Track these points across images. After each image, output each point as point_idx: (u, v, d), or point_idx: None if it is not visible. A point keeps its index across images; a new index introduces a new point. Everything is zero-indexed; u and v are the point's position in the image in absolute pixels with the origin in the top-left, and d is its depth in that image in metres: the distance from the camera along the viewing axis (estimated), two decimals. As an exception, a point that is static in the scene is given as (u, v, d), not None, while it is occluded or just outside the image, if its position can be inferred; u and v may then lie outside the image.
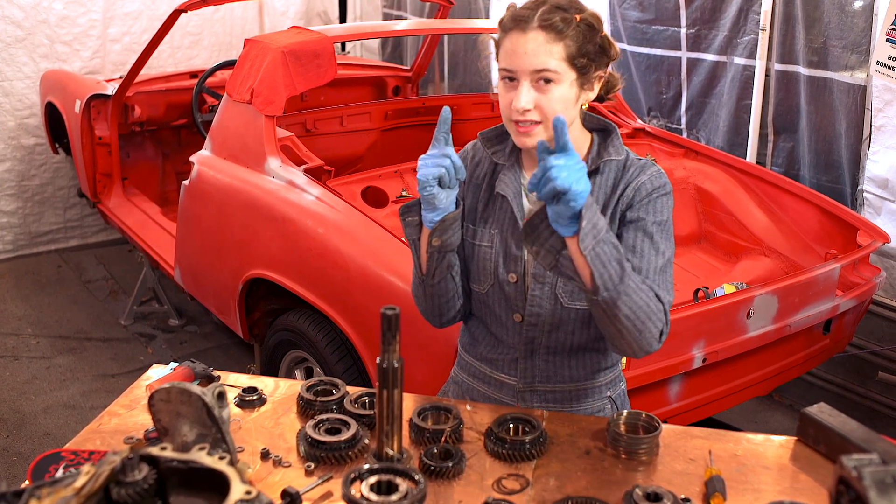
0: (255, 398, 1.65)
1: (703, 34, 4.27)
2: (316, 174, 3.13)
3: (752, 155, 4.11)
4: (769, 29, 3.94)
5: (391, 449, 1.39)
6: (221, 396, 1.26)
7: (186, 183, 3.57)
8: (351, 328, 2.81)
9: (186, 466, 1.09)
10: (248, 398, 1.65)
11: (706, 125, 4.39)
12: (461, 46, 5.88)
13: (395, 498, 1.22)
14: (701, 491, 1.40)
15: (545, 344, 1.67)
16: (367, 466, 1.29)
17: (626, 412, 1.56)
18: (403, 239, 2.62)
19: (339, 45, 5.56)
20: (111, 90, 4.54)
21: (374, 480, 1.26)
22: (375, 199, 3.21)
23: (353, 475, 1.27)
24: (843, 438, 1.46)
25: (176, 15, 4.10)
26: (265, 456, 1.48)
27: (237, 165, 3.37)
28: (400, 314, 1.35)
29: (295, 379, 3.13)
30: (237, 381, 1.74)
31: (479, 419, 1.58)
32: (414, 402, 1.63)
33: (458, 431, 1.52)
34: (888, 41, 3.38)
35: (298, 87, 3.34)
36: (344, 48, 6.19)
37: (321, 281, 2.90)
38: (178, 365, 1.75)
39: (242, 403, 1.65)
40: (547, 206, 1.40)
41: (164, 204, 4.84)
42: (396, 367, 1.36)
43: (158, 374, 1.75)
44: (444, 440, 1.47)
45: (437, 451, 1.45)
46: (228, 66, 4.39)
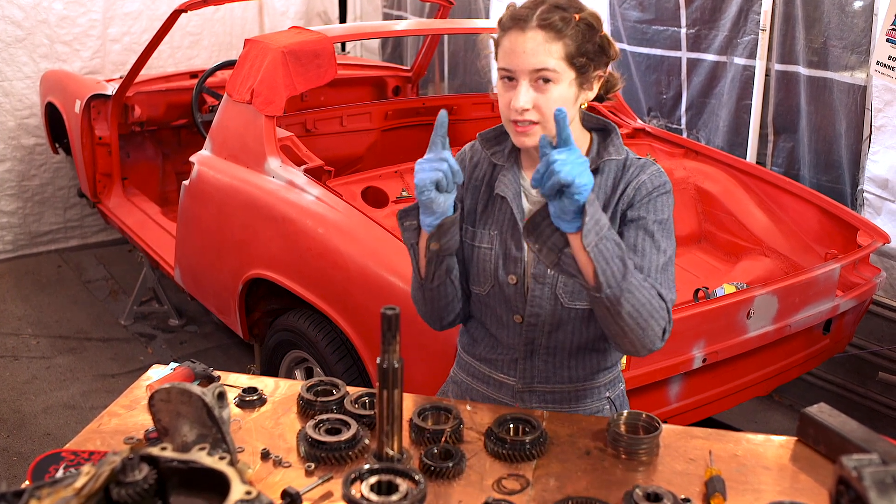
0: (255, 398, 1.65)
1: (703, 34, 4.27)
2: (316, 174, 3.13)
3: (752, 155, 4.11)
4: (769, 29, 3.94)
5: (391, 449, 1.39)
6: (222, 397, 1.26)
7: (186, 183, 3.57)
8: (351, 328, 2.81)
9: (186, 467, 1.09)
10: (248, 398, 1.65)
11: (706, 125, 4.39)
12: (461, 46, 5.88)
13: (395, 498, 1.22)
14: (701, 491, 1.40)
15: (545, 344, 1.67)
16: (367, 467, 1.29)
17: (626, 412, 1.56)
18: (403, 239, 2.62)
19: (339, 45, 5.56)
20: (111, 90, 4.54)
21: (374, 481, 1.26)
22: (375, 199, 3.21)
23: (353, 475, 1.27)
24: (843, 439, 1.46)
25: (176, 15, 4.10)
26: (265, 456, 1.48)
27: (237, 165, 3.37)
28: (400, 314, 1.35)
29: (295, 379, 3.14)
30: (237, 381, 1.74)
31: (479, 419, 1.58)
32: (414, 402, 1.63)
33: (458, 432, 1.52)
34: (888, 41, 3.38)
35: (298, 87, 3.34)
36: (344, 48, 6.19)
37: (321, 281, 2.90)
38: (178, 365, 1.75)
39: (242, 404, 1.65)
40: (549, 202, 1.39)
41: (164, 204, 4.84)
42: (396, 367, 1.36)
43: (158, 374, 1.75)
44: (444, 440, 1.47)
45: (437, 451, 1.45)
46: (228, 66, 4.39)
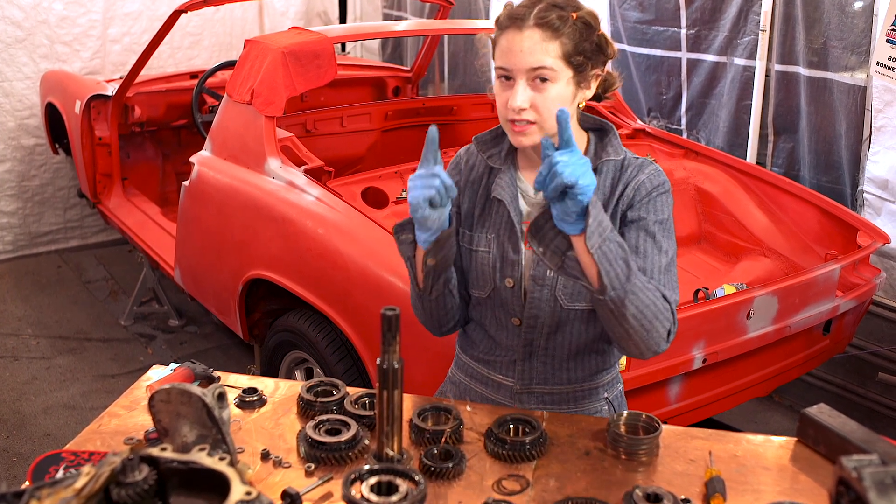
0: (255, 399, 1.65)
1: (703, 35, 4.27)
2: (316, 175, 3.13)
3: (752, 155, 4.11)
4: (769, 29, 3.94)
5: (391, 450, 1.40)
6: (222, 397, 1.26)
7: (186, 183, 3.57)
8: (351, 329, 2.81)
9: (186, 467, 1.09)
10: (248, 399, 1.65)
11: (706, 126, 4.39)
12: (461, 47, 5.88)
13: (395, 499, 1.22)
14: (701, 492, 1.40)
15: (543, 346, 1.67)
16: (367, 467, 1.29)
17: (626, 413, 1.55)
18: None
19: (339, 45, 5.55)
20: (111, 91, 4.55)
21: (374, 481, 1.26)
22: (375, 199, 3.21)
23: (353, 476, 1.27)
24: (842, 439, 1.46)
25: (176, 15, 4.10)
26: (265, 457, 1.48)
27: (237, 166, 3.37)
28: (400, 315, 1.35)
29: (295, 380, 3.15)
30: (237, 381, 1.74)
31: (479, 420, 1.58)
32: (414, 402, 1.63)
33: (458, 432, 1.52)
34: (888, 42, 3.38)
35: (298, 87, 3.34)
36: (344, 49, 6.19)
37: (321, 281, 2.90)
38: (178, 366, 1.75)
39: (242, 404, 1.65)
40: (551, 205, 1.38)
41: (164, 204, 4.84)
42: (396, 367, 1.36)
43: (158, 374, 1.75)
44: (444, 441, 1.47)
45: (437, 451, 1.45)
46: (228, 66, 4.39)
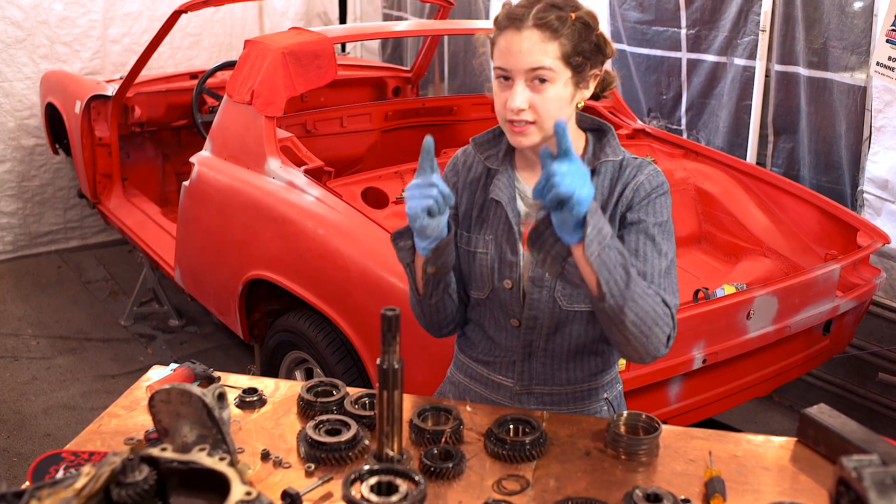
0: (255, 399, 1.65)
1: (703, 35, 4.27)
2: (316, 175, 3.13)
3: (752, 156, 4.11)
4: (769, 30, 3.94)
5: (391, 450, 1.40)
6: (222, 397, 1.26)
7: (186, 184, 3.57)
8: (351, 329, 2.81)
9: (187, 467, 1.09)
10: (248, 399, 1.65)
11: (706, 126, 4.39)
12: (461, 47, 5.88)
13: (395, 499, 1.22)
14: (701, 492, 1.40)
15: (543, 347, 1.67)
16: (367, 467, 1.29)
17: (626, 413, 1.55)
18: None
19: (339, 45, 5.56)
20: (111, 91, 4.54)
21: (374, 481, 1.26)
22: (375, 199, 3.21)
23: (353, 476, 1.27)
24: (842, 439, 1.46)
25: (176, 16, 4.10)
26: (265, 457, 1.48)
27: (237, 166, 3.37)
28: (400, 315, 1.35)
29: (295, 380, 3.14)
30: (237, 381, 1.74)
31: (478, 420, 1.58)
32: (414, 402, 1.63)
33: (458, 432, 1.52)
34: (888, 42, 3.38)
35: (298, 87, 3.34)
36: (344, 49, 6.20)
37: (321, 282, 2.90)
38: (178, 366, 1.75)
39: (243, 404, 1.65)
40: (551, 213, 1.38)
41: (164, 204, 4.84)
42: (397, 368, 1.36)
43: (159, 374, 1.75)
44: (444, 441, 1.47)
45: (437, 451, 1.45)
46: (228, 66, 4.40)
